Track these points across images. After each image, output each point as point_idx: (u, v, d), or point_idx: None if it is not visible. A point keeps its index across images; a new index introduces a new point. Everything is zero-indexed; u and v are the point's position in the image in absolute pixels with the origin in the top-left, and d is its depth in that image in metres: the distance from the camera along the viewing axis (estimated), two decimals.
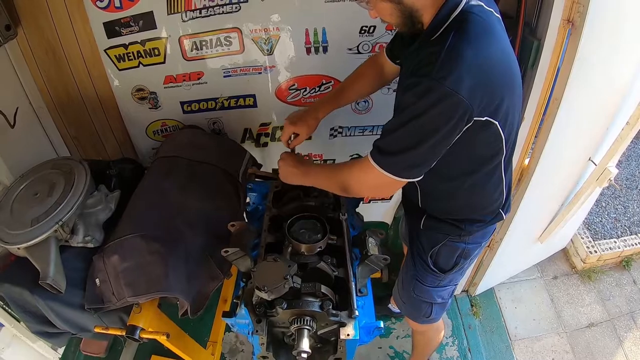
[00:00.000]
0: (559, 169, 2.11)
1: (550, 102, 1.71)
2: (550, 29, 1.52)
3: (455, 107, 1.04)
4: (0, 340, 2.09)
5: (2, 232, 1.70)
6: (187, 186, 1.86)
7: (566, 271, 3.05)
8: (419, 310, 1.80)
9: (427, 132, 1.09)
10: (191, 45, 2.06)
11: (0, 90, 2.09)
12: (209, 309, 1.53)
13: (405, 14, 1.15)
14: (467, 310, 2.75)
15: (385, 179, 1.20)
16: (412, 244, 1.70)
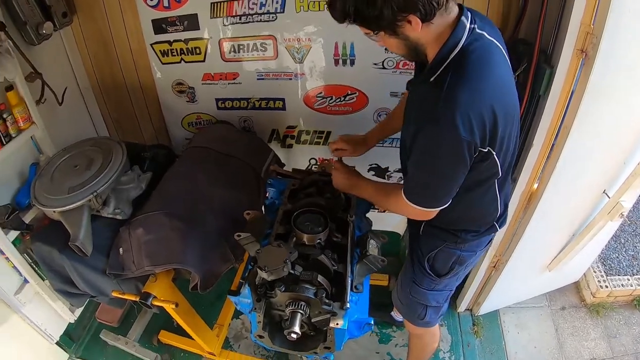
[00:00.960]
0: (570, 197, 2.12)
1: (560, 130, 1.76)
2: (563, 58, 1.57)
3: (460, 145, 1.18)
4: (23, 295, 2.27)
5: (42, 196, 1.90)
6: (213, 175, 2.03)
7: (575, 303, 3.01)
8: (414, 312, 1.89)
9: (442, 165, 1.26)
10: (230, 47, 2.25)
11: (52, 71, 2.31)
12: (221, 296, 1.67)
13: (411, 47, 1.26)
14: (469, 329, 2.76)
15: (420, 211, 1.39)
16: (411, 249, 1.80)
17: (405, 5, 1.11)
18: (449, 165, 1.25)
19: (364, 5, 1.13)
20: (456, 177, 1.28)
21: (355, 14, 1.16)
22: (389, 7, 1.10)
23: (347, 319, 1.47)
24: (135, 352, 2.61)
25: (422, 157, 1.29)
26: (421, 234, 1.68)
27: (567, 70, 1.59)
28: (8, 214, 1.91)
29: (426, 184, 1.34)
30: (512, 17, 1.88)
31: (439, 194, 1.33)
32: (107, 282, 1.87)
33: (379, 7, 1.11)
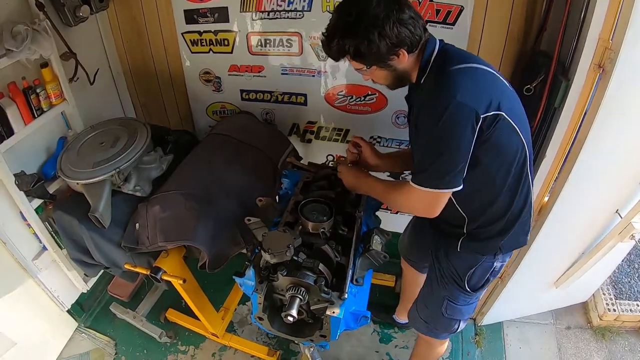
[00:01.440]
0: (580, 213, 2.11)
1: (574, 144, 1.76)
2: (580, 72, 1.58)
3: (459, 109, 1.24)
4: (41, 261, 2.39)
5: (67, 168, 2.01)
6: (231, 162, 2.11)
7: (581, 324, 2.96)
8: (447, 328, 1.87)
9: (446, 140, 1.29)
10: (257, 41, 2.33)
11: (86, 52, 2.42)
12: (230, 281, 1.73)
13: (397, 77, 1.44)
14: (470, 338, 2.76)
15: (427, 196, 1.39)
16: (439, 266, 1.78)
17: (397, 42, 1.30)
18: (451, 133, 1.27)
19: (364, 45, 1.29)
20: (460, 148, 1.29)
21: (355, 53, 1.33)
22: (385, 44, 1.29)
23: (344, 308, 1.50)
24: (142, 327, 2.72)
25: (426, 132, 1.34)
26: (459, 250, 1.65)
27: (584, 84, 1.60)
28: (34, 183, 2.00)
29: (432, 161, 1.33)
30: (534, 29, 1.90)
31: (446, 169, 1.32)
32: (121, 255, 1.96)
33: (377, 44, 1.29)
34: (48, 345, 2.65)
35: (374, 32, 1.27)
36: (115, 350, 2.73)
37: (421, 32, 1.34)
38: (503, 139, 1.34)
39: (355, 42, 1.30)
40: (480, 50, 2.00)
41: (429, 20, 1.97)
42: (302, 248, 1.55)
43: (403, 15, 1.28)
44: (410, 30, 1.30)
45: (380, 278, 2.91)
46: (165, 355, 2.68)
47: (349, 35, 1.31)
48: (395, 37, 1.29)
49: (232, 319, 2.77)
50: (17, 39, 1.94)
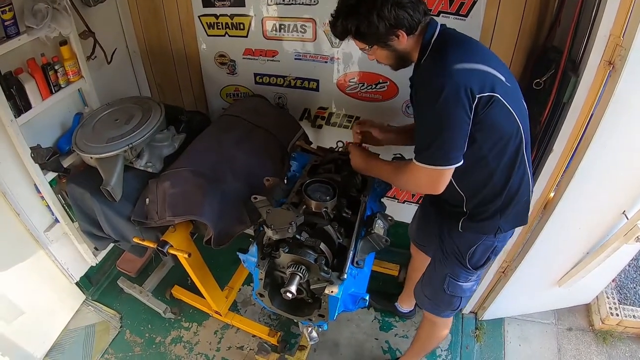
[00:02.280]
0: (586, 212, 2.09)
1: (582, 140, 1.76)
2: (589, 68, 1.58)
3: (456, 88, 1.30)
4: (52, 233, 2.47)
5: (82, 143, 2.06)
6: (241, 142, 2.15)
7: (583, 326, 2.94)
8: (449, 305, 1.94)
9: (444, 117, 1.35)
10: (272, 26, 2.36)
11: (104, 31, 2.49)
12: (236, 261, 1.77)
13: (398, 57, 1.52)
14: (470, 332, 2.77)
15: (431, 173, 1.44)
16: (442, 245, 1.85)
17: (395, 23, 1.38)
18: (449, 111, 1.33)
19: (364, 25, 1.39)
20: (459, 125, 1.35)
21: (356, 32, 1.43)
22: (383, 25, 1.38)
23: (342, 288, 1.53)
24: (147, 302, 2.79)
25: (425, 111, 1.41)
26: (461, 229, 1.71)
27: (593, 80, 1.59)
28: (49, 156, 2.07)
29: (432, 138, 1.39)
30: (546, 24, 1.89)
31: (446, 146, 1.38)
32: (130, 228, 2.01)
33: (376, 24, 1.38)
34: (55, 316, 2.72)
35: (372, 14, 1.36)
36: (120, 324, 2.80)
37: (421, 16, 1.41)
38: (498, 119, 1.40)
39: (357, 22, 1.40)
40: (492, 42, 2.00)
41: (442, 10, 1.98)
42: (305, 227, 1.58)
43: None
44: (409, 13, 1.38)
45: (385, 266, 2.94)
46: (169, 330, 2.75)
47: (350, 16, 1.41)
48: (394, 19, 1.37)
49: (235, 298, 2.83)
50: (38, 17, 2.00)
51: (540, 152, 1.94)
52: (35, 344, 2.57)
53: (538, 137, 1.90)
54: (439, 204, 1.83)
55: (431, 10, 1.97)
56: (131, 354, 2.66)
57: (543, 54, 1.92)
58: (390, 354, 2.62)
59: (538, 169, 1.93)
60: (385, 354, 2.63)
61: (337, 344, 2.66)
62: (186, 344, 2.69)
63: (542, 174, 1.92)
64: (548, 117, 1.84)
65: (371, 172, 1.77)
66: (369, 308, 2.81)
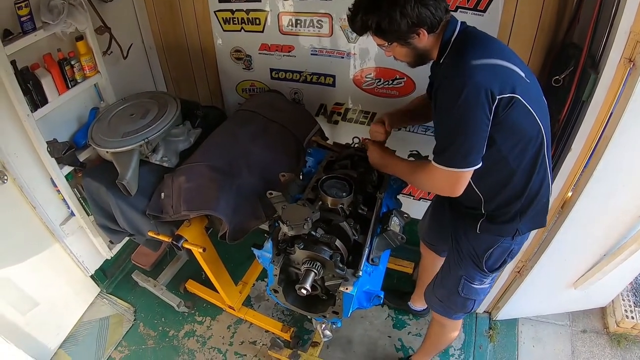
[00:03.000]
0: (604, 213, 2.05)
1: (601, 139, 1.73)
2: (609, 65, 1.54)
3: (476, 90, 1.28)
4: (68, 226, 2.50)
5: (98, 137, 2.09)
6: (256, 137, 2.15)
7: (597, 329, 2.90)
8: (462, 307, 1.90)
9: (463, 120, 1.32)
10: (288, 21, 2.36)
11: (120, 27, 2.51)
12: (250, 257, 1.77)
13: (418, 55, 1.49)
14: (484, 331, 2.75)
15: (449, 175, 1.42)
16: (458, 247, 1.81)
17: (418, 21, 1.35)
18: (469, 113, 1.31)
19: (385, 21, 1.35)
20: (478, 127, 1.33)
21: (376, 28, 1.39)
22: (406, 22, 1.34)
23: (357, 285, 1.53)
24: (161, 295, 2.82)
25: (444, 113, 1.37)
26: (479, 231, 1.68)
27: (613, 78, 1.56)
28: (65, 150, 2.10)
29: (451, 140, 1.37)
30: (565, 20, 1.87)
31: (465, 149, 1.36)
32: (145, 222, 2.03)
33: (398, 22, 1.34)
34: (69, 308, 2.75)
35: (395, 10, 1.32)
36: (134, 317, 2.83)
37: (442, 14, 1.39)
38: (518, 120, 1.37)
39: (377, 18, 1.36)
40: (510, 38, 1.98)
41: (460, 6, 1.96)
42: (320, 224, 1.58)
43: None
44: (431, 11, 1.35)
45: (399, 264, 2.94)
46: (182, 324, 2.77)
47: (371, 11, 1.37)
48: (416, 17, 1.34)
49: (249, 293, 2.84)
50: (54, 13, 2.02)
51: (558, 150, 1.90)
52: (49, 336, 2.60)
53: (557, 135, 1.87)
54: (454, 205, 1.80)
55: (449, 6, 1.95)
56: (144, 346, 2.68)
57: (562, 51, 1.89)
58: (403, 351, 2.61)
59: (556, 167, 1.90)
60: (398, 351, 2.62)
61: (350, 340, 2.66)
62: (199, 338, 2.71)
63: (560, 172, 1.89)
64: (567, 115, 1.81)
65: (389, 169, 1.76)
66: (382, 306, 2.80)
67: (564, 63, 1.78)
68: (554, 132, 1.85)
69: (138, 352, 2.66)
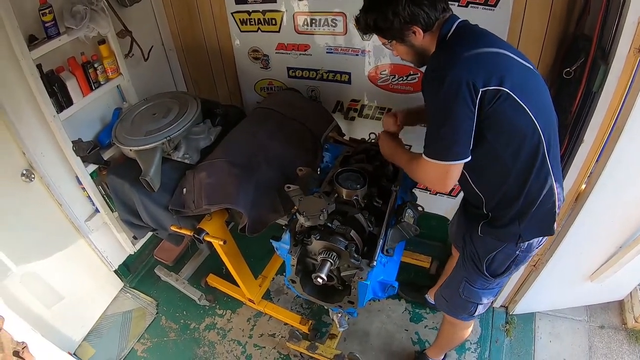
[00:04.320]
0: (618, 204, 2.04)
1: (613, 130, 1.72)
2: (619, 56, 1.53)
3: (457, 80, 1.29)
4: (93, 223, 2.59)
5: (121, 136, 2.16)
6: (275, 133, 2.21)
7: (615, 324, 2.86)
8: (464, 309, 1.91)
9: (446, 111, 1.34)
10: (303, 21, 2.41)
11: (140, 30, 2.59)
12: (270, 251, 1.82)
13: (417, 53, 1.53)
14: (500, 326, 2.75)
15: (437, 168, 1.43)
16: (464, 248, 1.81)
17: (410, 19, 1.41)
18: (450, 105, 1.32)
19: (380, 20, 1.43)
20: (460, 119, 1.33)
21: (375, 26, 1.47)
22: (398, 21, 1.41)
23: (371, 275, 1.58)
24: (183, 289, 2.90)
25: (429, 105, 1.42)
26: (480, 233, 1.67)
27: (623, 68, 1.55)
28: (90, 149, 2.17)
29: (437, 132, 1.39)
30: (576, 12, 1.86)
31: (448, 140, 1.37)
32: (167, 217, 2.10)
33: (391, 20, 1.41)
34: (94, 302, 2.85)
35: (388, 10, 1.40)
36: (156, 310, 2.91)
37: (438, 13, 1.43)
38: (507, 116, 1.36)
39: (374, 17, 1.44)
40: (522, 32, 1.99)
41: (470, 1, 1.98)
42: (336, 216, 1.63)
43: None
44: (425, 11, 1.40)
45: (416, 258, 2.95)
46: (203, 317, 2.84)
47: (370, 11, 1.46)
48: (408, 16, 1.40)
49: (269, 287, 2.90)
50: (77, 18, 2.11)
51: (571, 142, 1.91)
52: (74, 328, 2.69)
53: (569, 128, 1.87)
54: (466, 205, 1.82)
55: (459, 1, 1.98)
56: (166, 339, 2.76)
57: (573, 43, 1.89)
58: (419, 345, 2.63)
59: (569, 159, 1.90)
60: (415, 345, 2.64)
61: (367, 333, 2.69)
62: (220, 331, 2.77)
63: (573, 165, 1.89)
64: (578, 107, 1.81)
65: (395, 159, 1.78)
66: (400, 299, 2.82)
67: (575, 55, 1.78)
68: (567, 125, 1.86)
69: (160, 344, 2.73)
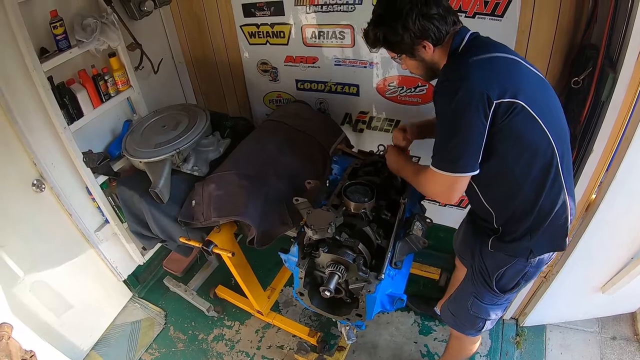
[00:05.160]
0: (629, 214, 2.01)
1: (622, 139, 1.70)
2: (627, 64, 1.52)
3: (469, 92, 1.28)
4: (102, 233, 2.61)
5: (131, 148, 2.20)
6: (283, 145, 2.22)
7: (627, 336, 2.81)
8: (472, 325, 1.88)
9: (456, 122, 1.32)
10: (311, 33, 2.43)
11: (150, 43, 2.63)
12: (279, 263, 1.82)
13: (427, 67, 1.52)
14: (510, 338, 2.71)
15: (444, 179, 1.41)
16: (473, 263, 1.79)
17: (420, 34, 1.39)
18: (462, 116, 1.30)
19: (390, 34, 1.41)
20: (472, 132, 1.31)
21: (384, 40, 1.45)
22: (408, 36, 1.39)
23: (379, 288, 1.57)
24: (192, 300, 2.91)
25: (440, 117, 1.39)
26: (491, 249, 1.65)
27: (631, 77, 1.54)
28: (100, 161, 2.20)
29: (446, 143, 1.37)
30: (583, 21, 1.86)
31: (458, 153, 1.35)
32: (176, 229, 2.12)
33: (401, 34, 1.39)
34: (102, 311, 2.86)
35: (397, 24, 1.38)
36: (165, 321, 2.92)
37: (449, 27, 1.41)
38: (521, 129, 1.34)
39: (384, 31, 1.43)
40: (529, 42, 1.99)
41: (477, 12, 1.98)
42: (344, 228, 1.63)
43: (429, 11, 1.36)
44: (435, 25, 1.38)
45: (426, 270, 2.93)
46: (212, 328, 2.84)
47: (379, 25, 1.44)
48: (419, 30, 1.38)
49: (278, 299, 2.90)
50: (87, 31, 2.15)
51: (581, 152, 1.89)
52: (82, 337, 2.70)
53: (578, 138, 1.86)
54: (475, 219, 1.78)
55: (467, 12, 1.99)
56: (174, 349, 2.76)
57: (581, 52, 1.88)
58: (428, 357, 2.60)
59: (579, 169, 1.88)
60: (424, 357, 2.61)
61: (375, 346, 2.67)
62: (228, 342, 2.77)
63: (583, 174, 1.87)
64: (587, 117, 1.79)
65: (402, 173, 1.77)
66: (409, 311, 2.80)
67: (583, 64, 1.77)
68: (576, 134, 1.84)
69: (168, 355, 2.74)
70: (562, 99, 1.93)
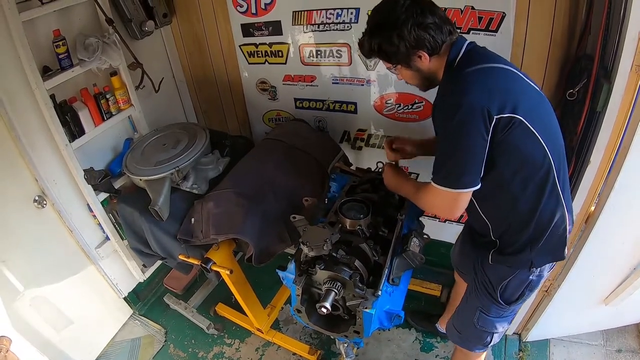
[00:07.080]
0: (629, 225, 1.99)
1: (619, 150, 1.69)
2: (621, 74, 1.51)
3: (470, 108, 1.27)
4: (103, 250, 2.62)
5: (132, 166, 2.22)
6: (282, 164, 2.23)
7: (633, 348, 2.77)
8: (479, 340, 1.86)
9: (458, 138, 1.32)
10: (309, 52, 2.46)
11: (151, 62, 2.67)
12: (279, 281, 1.81)
13: (424, 77, 1.50)
14: (514, 353, 2.68)
15: (446, 195, 1.40)
16: (475, 277, 1.77)
17: (416, 43, 1.37)
18: (464, 133, 1.29)
19: (385, 44, 1.40)
20: (473, 148, 1.31)
21: (379, 50, 1.43)
22: (404, 45, 1.37)
23: (377, 305, 1.56)
24: (192, 317, 2.90)
25: (441, 133, 1.39)
26: (491, 262, 1.64)
27: (626, 86, 1.53)
28: (101, 178, 2.23)
29: (448, 159, 1.37)
30: (577, 33, 1.87)
31: (460, 169, 1.34)
32: (176, 246, 2.13)
33: (396, 44, 1.37)
34: (102, 328, 2.86)
35: (393, 34, 1.36)
36: (165, 338, 2.91)
37: (445, 36, 1.39)
38: (519, 143, 1.34)
39: (379, 41, 1.41)
40: (524, 55, 2.00)
41: (472, 27, 2.00)
42: (341, 245, 1.63)
43: (424, 20, 1.35)
44: (431, 35, 1.36)
45: (426, 287, 2.91)
46: (212, 346, 2.82)
47: (374, 35, 1.42)
48: (414, 40, 1.36)
49: (278, 317, 2.88)
50: (89, 50, 2.19)
51: (578, 164, 1.88)
52: (82, 353, 2.68)
53: (575, 149, 1.85)
54: (473, 232, 1.77)
55: (461, 28, 2.00)
56: None
57: (576, 64, 1.88)
58: None
59: (577, 181, 1.87)
60: None
61: None
62: None
63: (581, 186, 1.85)
64: (583, 128, 1.78)
65: (400, 190, 1.76)
66: (410, 328, 2.77)
67: (578, 76, 1.77)
68: (572, 146, 1.84)
69: None
70: (558, 112, 1.94)
